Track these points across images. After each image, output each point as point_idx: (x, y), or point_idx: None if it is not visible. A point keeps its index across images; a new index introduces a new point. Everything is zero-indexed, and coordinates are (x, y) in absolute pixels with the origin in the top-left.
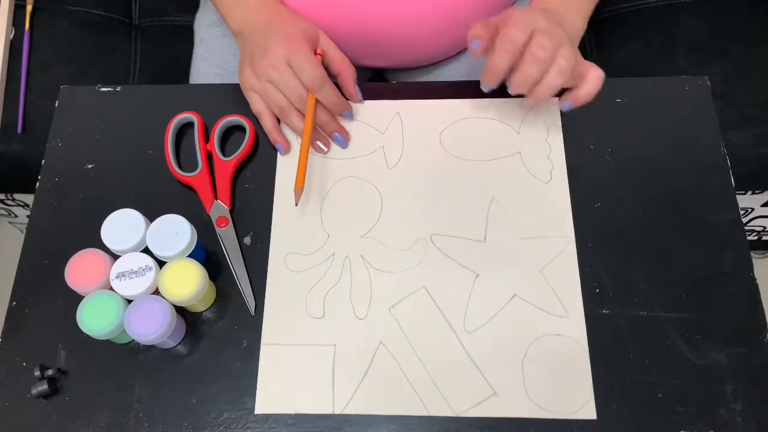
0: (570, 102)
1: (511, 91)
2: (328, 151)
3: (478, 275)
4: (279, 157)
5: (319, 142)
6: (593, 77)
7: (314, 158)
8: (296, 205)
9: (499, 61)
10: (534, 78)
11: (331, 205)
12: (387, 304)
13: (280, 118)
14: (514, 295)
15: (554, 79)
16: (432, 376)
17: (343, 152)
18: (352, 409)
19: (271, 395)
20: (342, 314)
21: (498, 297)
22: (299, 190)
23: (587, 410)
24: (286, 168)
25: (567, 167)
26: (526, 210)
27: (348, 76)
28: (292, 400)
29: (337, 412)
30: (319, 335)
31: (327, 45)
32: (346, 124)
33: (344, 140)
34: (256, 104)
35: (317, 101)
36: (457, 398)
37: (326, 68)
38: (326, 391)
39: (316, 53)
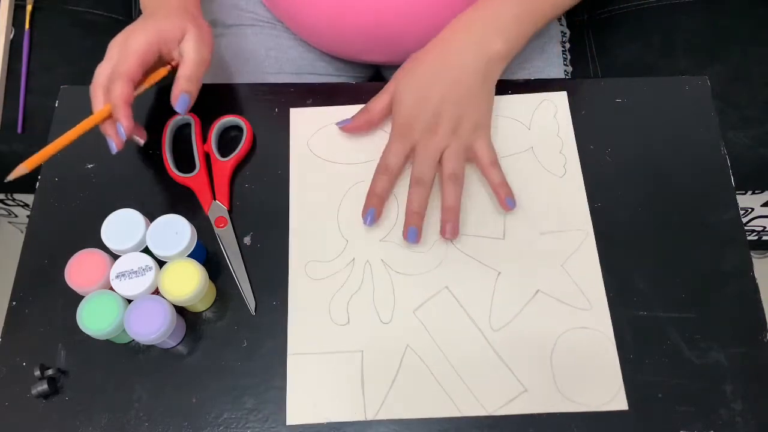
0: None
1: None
2: (122, 142)
3: (500, 273)
4: (291, 167)
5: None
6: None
7: (325, 164)
8: (8, 178)
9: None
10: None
11: (347, 210)
12: (411, 306)
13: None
14: (538, 290)
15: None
16: (462, 377)
17: (355, 157)
18: (384, 415)
19: (302, 405)
20: (367, 320)
21: (522, 293)
22: (23, 167)
23: (618, 401)
24: (299, 174)
25: None
26: (543, 205)
27: (181, 78)
28: (322, 409)
29: (369, 418)
30: (345, 342)
31: (187, 46)
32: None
33: (122, 133)
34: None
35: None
36: (489, 397)
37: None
38: (357, 398)
39: (170, 64)
